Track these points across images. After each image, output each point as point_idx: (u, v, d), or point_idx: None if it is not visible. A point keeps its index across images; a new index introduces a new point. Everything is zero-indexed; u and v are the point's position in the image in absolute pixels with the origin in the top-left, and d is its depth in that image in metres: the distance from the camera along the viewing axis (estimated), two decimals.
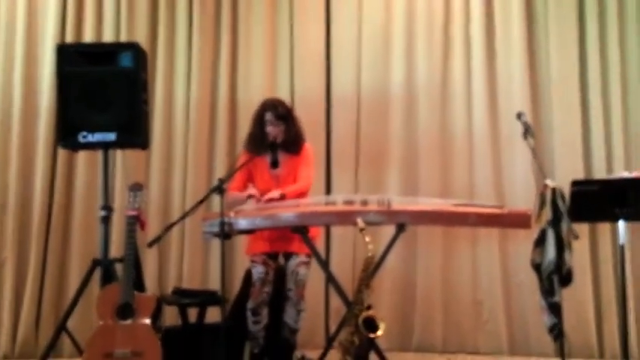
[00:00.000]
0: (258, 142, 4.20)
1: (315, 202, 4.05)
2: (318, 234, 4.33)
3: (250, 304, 4.09)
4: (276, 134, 4.17)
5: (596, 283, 4.99)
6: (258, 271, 4.10)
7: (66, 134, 4.17)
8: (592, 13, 5.10)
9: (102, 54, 4.25)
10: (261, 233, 4.11)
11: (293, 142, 4.24)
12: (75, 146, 4.35)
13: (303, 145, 4.31)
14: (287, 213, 3.89)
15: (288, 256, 4.22)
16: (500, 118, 5.24)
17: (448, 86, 5.34)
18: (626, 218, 3.86)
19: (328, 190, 5.34)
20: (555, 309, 3.78)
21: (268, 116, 4.19)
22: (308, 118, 5.28)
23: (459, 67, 5.31)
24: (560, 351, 3.78)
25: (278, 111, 4.19)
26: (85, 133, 4.11)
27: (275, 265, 4.19)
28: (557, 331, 3.80)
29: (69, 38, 5.28)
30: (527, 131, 4.01)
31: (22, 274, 5.13)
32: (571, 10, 5.14)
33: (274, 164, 4.18)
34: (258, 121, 4.23)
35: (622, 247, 3.93)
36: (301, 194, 4.16)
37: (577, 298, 4.80)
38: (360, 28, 5.48)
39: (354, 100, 5.44)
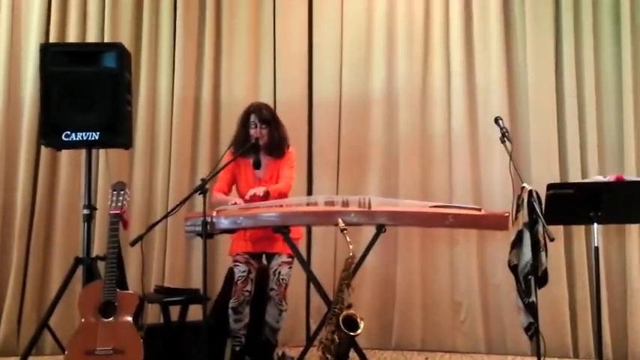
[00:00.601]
0: (242, 143, 4.27)
1: (296, 202, 4.10)
2: (300, 235, 4.39)
3: (232, 303, 4.11)
4: (259, 136, 4.25)
5: (571, 284, 5.06)
6: (240, 269, 4.14)
7: (49, 133, 4.17)
8: (568, 20, 5.17)
9: (86, 54, 4.26)
10: (244, 233, 4.16)
11: (277, 146, 4.32)
12: (58, 145, 4.36)
13: (287, 149, 4.38)
14: (269, 213, 3.93)
15: (270, 256, 4.28)
16: (479, 122, 5.31)
17: (428, 91, 5.41)
18: (600, 221, 3.94)
19: (310, 192, 5.40)
20: (531, 309, 3.85)
21: (252, 118, 4.28)
22: (290, 120, 5.31)
23: (439, 72, 5.37)
24: (536, 350, 3.85)
25: (262, 114, 4.28)
26: (68, 132, 4.12)
27: (258, 264, 4.24)
28: (533, 331, 3.88)
29: (53, 38, 5.29)
30: (505, 135, 4.08)
31: (4, 272, 5.13)
32: (547, 15, 5.21)
33: (257, 165, 4.24)
34: (243, 123, 4.32)
35: (596, 249, 3.98)
36: (282, 194, 4.22)
37: (552, 298, 4.88)
38: (341, 32, 5.53)
39: (335, 102, 5.49)
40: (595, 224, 3.92)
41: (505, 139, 4.08)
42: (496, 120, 4.20)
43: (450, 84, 5.36)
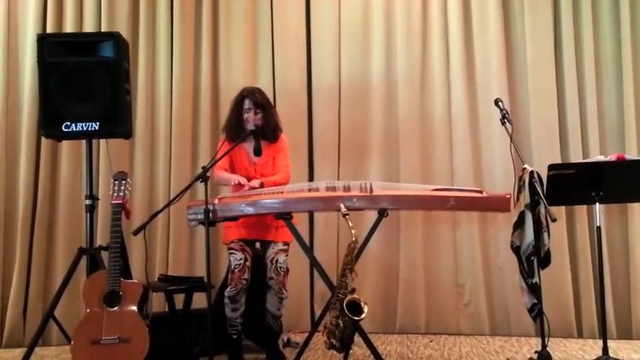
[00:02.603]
0: (236, 129, 4.26)
1: (298, 188, 4.09)
2: (295, 222, 4.35)
3: (229, 292, 4.08)
4: (254, 121, 4.23)
5: (574, 264, 5.08)
6: (236, 258, 4.10)
7: (49, 124, 4.17)
8: (566, 0, 5.17)
9: (83, 44, 4.24)
10: (236, 222, 4.13)
11: (271, 131, 4.30)
12: (58, 136, 4.36)
13: (280, 133, 4.37)
14: (271, 199, 3.93)
15: (265, 244, 4.27)
16: (479, 104, 5.31)
17: (427, 74, 5.40)
18: (602, 201, 3.95)
19: (311, 178, 5.41)
20: (535, 290, 3.87)
21: (247, 104, 4.27)
22: (289, 106, 5.35)
23: (438, 55, 5.36)
24: (540, 331, 3.87)
25: (256, 98, 4.27)
26: (68, 123, 4.11)
27: (252, 251, 4.23)
28: (536, 312, 3.89)
29: (50, 28, 5.27)
30: (505, 117, 4.08)
31: (8, 264, 5.15)
32: None
33: (257, 152, 4.22)
34: (237, 108, 4.30)
35: (598, 229, 4.00)
36: (281, 184, 4.21)
37: (555, 279, 4.90)
38: (339, 17, 5.52)
39: (334, 88, 5.49)
40: (597, 204, 3.93)
41: (505, 120, 4.07)
42: (496, 102, 4.19)
43: (449, 67, 5.35)
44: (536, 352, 3.86)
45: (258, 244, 4.32)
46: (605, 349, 3.89)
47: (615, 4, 5.16)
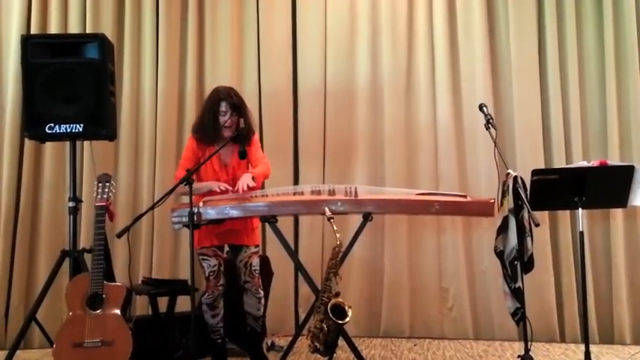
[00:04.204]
0: (213, 132, 4.08)
1: (283, 191, 4.08)
2: (258, 224, 4.28)
3: (206, 299, 4.07)
4: (232, 124, 4.07)
5: (557, 269, 5.11)
6: (210, 264, 4.06)
7: (32, 125, 4.13)
8: (550, 6, 5.21)
9: (68, 45, 4.21)
10: (207, 228, 4.02)
11: (247, 134, 4.11)
12: (42, 137, 4.32)
13: (253, 135, 4.24)
14: (256, 202, 3.92)
15: (237, 248, 4.19)
16: (464, 109, 5.33)
17: (412, 79, 5.42)
18: (585, 206, 3.97)
19: (296, 181, 5.40)
20: (518, 294, 3.88)
21: (223, 106, 4.08)
22: (275, 110, 5.35)
23: (423, 60, 5.39)
24: (523, 335, 3.87)
25: (233, 100, 4.09)
26: (51, 125, 4.08)
27: (224, 256, 4.20)
28: (519, 316, 3.90)
29: (34, 29, 5.25)
30: (490, 122, 4.09)
31: None
32: (530, 3, 5.24)
33: (243, 155, 4.07)
34: (213, 109, 4.10)
35: (581, 234, 4.01)
36: (267, 175, 4.15)
37: (539, 283, 4.93)
38: (325, 22, 5.53)
39: (320, 93, 5.49)
40: (580, 209, 3.95)
41: (490, 125, 4.08)
42: (480, 107, 4.21)
43: (435, 72, 5.38)
44: (519, 356, 3.87)
45: (227, 250, 4.26)
46: (587, 354, 3.90)
47: (598, 9, 5.20)
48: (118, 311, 3.58)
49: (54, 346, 3.57)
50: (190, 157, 4.09)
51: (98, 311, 3.56)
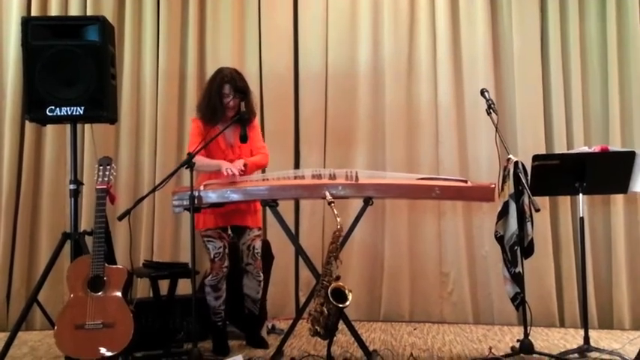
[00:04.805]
0: (216, 113, 4.14)
1: (283, 175, 4.08)
2: (260, 207, 4.29)
3: (210, 281, 4.12)
4: (235, 107, 4.12)
5: (557, 254, 5.12)
6: (215, 246, 4.10)
7: (33, 108, 4.11)
8: None
9: (68, 27, 4.18)
10: (212, 209, 4.06)
11: (248, 117, 4.15)
12: (42, 120, 4.30)
13: (254, 118, 4.31)
14: (257, 186, 3.93)
15: (240, 229, 4.24)
16: (465, 94, 5.32)
17: (414, 63, 5.41)
18: (586, 191, 3.99)
19: (297, 165, 5.40)
20: (518, 279, 3.90)
21: (227, 89, 4.13)
22: (276, 94, 5.34)
23: (425, 44, 5.37)
24: (523, 319, 3.89)
25: (237, 84, 4.14)
26: (52, 107, 4.06)
27: (228, 238, 4.22)
28: (519, 301, 3.92)
29: (34, 11, 5.23)
30: (491, 107, 4.09)
31: None
32: None
33: (244, 139, 4.09)
34: (217, 91, 4.15)
35: (582, 219, 4.05)
36: (262, 165, 4.24)
37: (538, 268, 4.95)
38: (327, 5, 5.49)
39: (321, 76, 5.47)
40: (580, 195, 3.97)
41: (491, 111, 4.08)
42: (482, 92, 4.20)
43: (436, 56, 5.36)
44: (518, 340, 3.89)
45: (230, 233, 4.29)
46: (586, 339, 3.94)
47: None
48: (119, 293, 3.59)
49: (55, 327, 3.58)
50: (198, 139, 4.10)
51: (99, 293, 3.57)
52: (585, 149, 4.17)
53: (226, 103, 4.14)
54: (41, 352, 4.30)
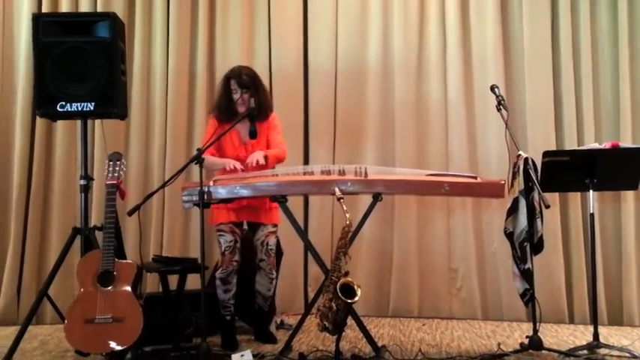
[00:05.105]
0: (226, 110, 4.22)
1: (293, 171, 4.09)
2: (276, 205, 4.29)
3: (220, 274, 4.15)
4: (243, 102, 4.18)
5: (567, 251, 5.11)
6: (226, 240, 4.14)
7: (44, 104, 4.13)
8: None
9: (79, 24, 4.20)
10: (225, 204, 4.11)
11: (260, 110, 4.20)
12: (53, 116, 4.33)
13: (270, 114, 4.34)
14: (266, 182, 3.93)
15: (255, 225, 4.27)
16: (475, 90, 5.30)
17: (424, 59, 5.39)
18: (596, 188, 3.98)
19: (306, 161, 5.41)
20: (527, 275, 3.89)
21: (232, 84, 4.22)
22: (285, 89, 5.34)
23: (435, 40, 5.35)
24: (532, 316, 3.89)
25: (242, 80, 4.20)
26: (63, 103, 4.08)
27: (241, 233, 4.24)
28: (528, 297, 3.92)
29: (45, 8, 5.25)
30: (501, 103, 4.08)
31: (2, 243, 5.18)
32: None
33: (252, 134, 4.13)
34: (225, 89, 4.25)
35: (592, 216, 4.04)
36: (280, 159, 4.25)
37: (548, 265, 4.93)
38: (336, 1, 5.48)
39: (331, 71, 5.47)
40: (591, 191, 3.96)
41: (501, 107, 4.07)
42: (492, 88, 4.19)
43: (446, 52, 5.34)
44: (527, 336, 3.89)
45: (245, 226, 4.31)
46: (595, 335, 3.93)
47: None
48: (128, 288, 3.61)
49: (65, 321, 3.60)
50: (212, 135, 4.15)
51: (109, 288, 3.59)
52: (596, 145, 4.16)
53: (235, 99, 4.20)
54: (51, 346, 4.33)
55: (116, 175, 3.80)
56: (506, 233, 3.99)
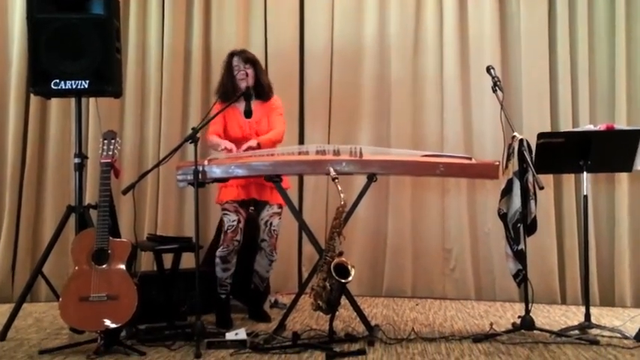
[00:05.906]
0: (229, 90, 4.25)
1: (288, 151, 4.09)
2: (289, 186, 4.32)
3: (220, 252, 4.15)
4: (246, 78, 4.23)
5: (560, 232, 5.14)
6: (230, 219, 4.16)
7: (38, 81, 4.12)
8: None
9: (73, 0, 4.17)
10: (234, 180, 4.14)
11: (263, 89, 4.29)
12: (47, 93, 4.30)
13: (273, 96, 4.37)
14: (261, 161, 3.93)
15: (260, 205, 4.29)
16: (471, 71, 5.30)
17: (420, 39, 5.38)
18: (590, 170, 3.98)
19: (301, 141, 5.40)
20: (520, 256, 3.90)
21: (235, 61, 4.28)
22: (281, 70, 5.32)
23: (431, 20, 5.34)
24: (524, 296, 3.90)
25: (245, 54, 4.30)
26: (57, 81, 4.06)
27: (246, 213, 4.26)
28: (521, 278, 3.93)
29: None
30: (497, 84, 4.06)
31: None
32: None
33: (247, 114, 4.19)
34: (228, 68, 4.30)
35: (585, 198, 4.06)
36: (276, 142, 4.25)
37: (541, 246, 4.96)
38: None
39: (326, 52, 5.46)
40: (585, 173, 3.97)
41: (497, 88, 4.06)
42: (488, 69, 4.17)
43: (443, 32, 5.33)
44: (519, 316, 3.91)
45: (252, 208, 4.32)
46: (587, 316, 3.96)
47: None
48: (123, 266, 3.61)
49: (60, 299, 3.60)
50: (217, 120, 4.21)
51: (104, 266, 3.59)
52: (591, 127, 4.16)
53: (239, 76, 4.25)
54: (46, 324, 4.34)
55: (110, 153, 3.78)
56: (500, 214, 4.00)
